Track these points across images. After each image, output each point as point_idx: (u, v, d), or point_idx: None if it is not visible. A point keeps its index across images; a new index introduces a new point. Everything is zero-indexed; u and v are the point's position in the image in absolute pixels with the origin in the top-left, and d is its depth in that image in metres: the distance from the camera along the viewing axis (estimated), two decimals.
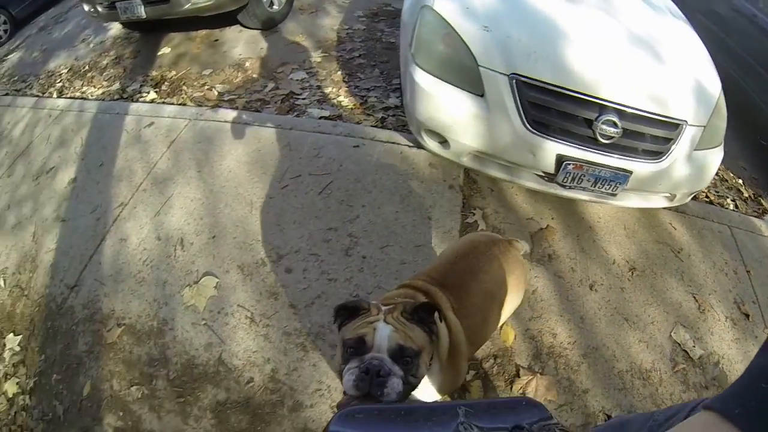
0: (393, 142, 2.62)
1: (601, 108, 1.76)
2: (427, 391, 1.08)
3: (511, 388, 1.75)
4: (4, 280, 2.52)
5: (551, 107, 1.79)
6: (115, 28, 4.85)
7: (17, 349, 2.23)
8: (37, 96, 4.03)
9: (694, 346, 1.97)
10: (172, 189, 2.50)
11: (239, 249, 2.17)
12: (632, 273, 2.16)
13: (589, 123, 1.77)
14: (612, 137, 1.78)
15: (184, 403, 1.80)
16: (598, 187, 1.89)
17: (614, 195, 1.94)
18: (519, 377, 1.77)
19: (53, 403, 1.99)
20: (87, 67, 4.27)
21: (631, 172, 1.86)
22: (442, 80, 1.92)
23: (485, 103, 1.85)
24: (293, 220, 2.24)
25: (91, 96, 3.74)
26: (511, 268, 1.36)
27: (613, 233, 2.25)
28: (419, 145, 2.39)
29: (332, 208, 2.27)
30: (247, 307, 1.97)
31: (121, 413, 1.86)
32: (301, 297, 1.96)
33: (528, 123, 1.80)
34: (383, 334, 0.91)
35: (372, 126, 2.89)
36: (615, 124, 1.76)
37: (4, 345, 2.27)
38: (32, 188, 2.94)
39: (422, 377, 0.96)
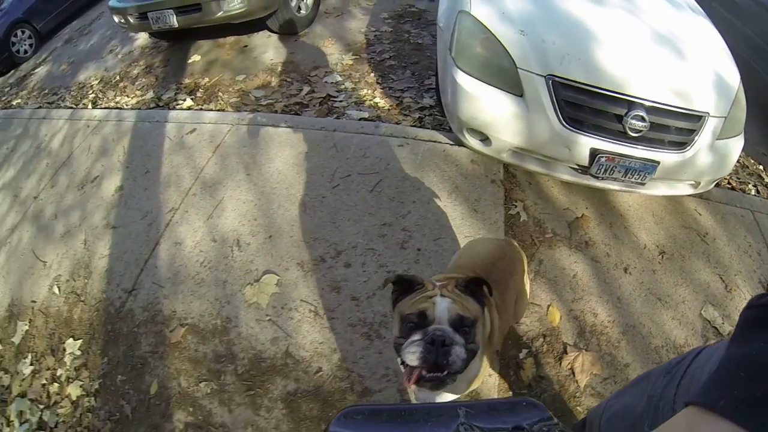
0: (434, 141, 2.73)
1: (630, 104, 1.94)
2: (464, 379, 1.11)
3: (560, 364, 1.92)
4: (59, 288, 2.65)
5: (585, 105, 1.97)
6: (142, 38, 5.04)
7: (78, 353, 2.35)
8: (72, 108, 4.22)
9: (723, 323, 2.11)
10: (223, 192, 2.62)
11: (297, 247, 2.29)
12: (662, 256, 2.32)
13: (619, 118, 1.95)
14: (640, 131, 1.95)
15: (254, 396, 1.91)
16: (629, 178, 2.07)
17: (643, 184, 2.12)
18: (566, 354, 1.93)
19: (120, 403, 2.10)
20: (118, 78, 4.46)
21: (658, 163, 2.03)
22: (484, 82, 2.12)
23: (524, 102, 2.03)
24: (348, 217, 2.36)
25: (126, 105, 3.91)
26: (524, 263, 1.54)
27: (642, 220, 2.42)
28: (460, 143, 2.55)
29: (384, 205, 2.39)
30: (310, 302, 2.10)
31: (190, 409, 1.97)
32: (362, 289, 2.08)
33: (564, 120, 1.99)
34: (443, 306, 0.99)
35: (411, 126, 3.01)
36: (643, 119, 1.93)
37: (64, 350, 2.39)
38: (78, 197, 3.09)
39: (479, 345, 1.04)
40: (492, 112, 2.10)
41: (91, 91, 4.41)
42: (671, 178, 2.20)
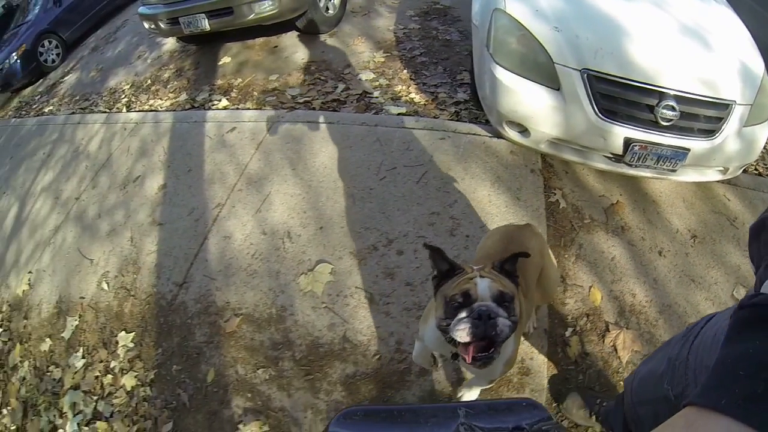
0: (474, 134, 2.84)
1: (661, 95, 2.08)
2: (498, 362, 1.22)
3: (603, 341, 2.04)
4: (108, 284, 2.78)
5: (618, 96, 2.12)
6: (170, 43, 5.23)
7: (131, 345, 2.46)
8: (106, 112, 4.39)
9: None
10: (269, 187, 2.74)
11: (349, 237, 2.41)
12: (694, 240, 2.43)
13: (651, 108, 2.09)
14: (671, 120, 2.09)
15: (313, 380, 2.01)
16: (660, 165, 2.20)
17: (674, 171, 2.25)
18: (609, 332, 2.05)
19: (176, 391, 2.20)
20: (149, 82, 4.63)
21: (689, 150, 2.17)
22: (522, 77, 2.27)
23: (561, 95, 2.19)
24: (397, 207, 2.47)
25: (161, 108, 4.07)
26: (541, 242, 1.65)
27: (674, 206, 2.55)
28: (498, 135, 2.67)
29: (431, 195, 2.50)
30: (365, 289, 2.20)
31: (249, 395, 2.06)
32: (416, 275, 2.18)
33: (599, 111, 2.15)
34: (484, 285, 1.11)
35: (449, 120, 3.10)
36: (673, 108, 2.07)
37: (117, 342, 2.50)
38: (121, 197, 3.23)
39: (518, 318, 1.15)
40: (531, 105, 2.25)
41: (123, 96, 4.59)
42: (701, 164, 2.32)
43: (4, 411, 2.70)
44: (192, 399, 2.15)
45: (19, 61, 6.45)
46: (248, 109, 3.55)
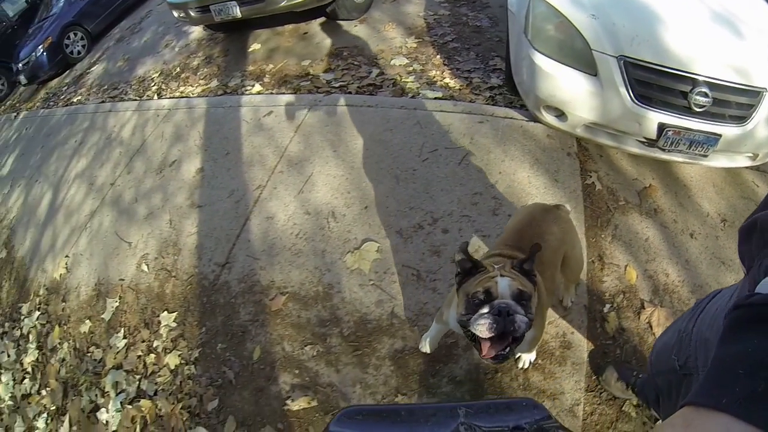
0: (511, 118, 2.92)
1: (694, 81, 2.17)
2: (522, 344, 1.32)
3: (639, 318, 2.10)
4: (147, 265, 2.86)
5: (653, 83, 2.22)
6: (197, 32, 5.35)
7: (173, 325, 2.53)
8: (136, 99, 4.50)
9: None
10: (310, 169, 2.81)
11: (394, 216, 2.47)
12: (724, 224, 2.47)
13: (685, 95, 2.19)
14: (704, 106, 2.19)
15: (362, 355, 2.06)
16: (692, 150, 2.31)
17: (705, 156, 2.36)
18: (644, 309, 2.12)
19: (222, 369, 2.26)
20: (178, 69, 4.75)
21: (720, 135, 2.25)
22: (561, 63, 2.38)
23: (599, 81, 2.29)
24: (440, 188, 2.54)
25: (192, 95, 4.17)
26: (565, 226, 1.70)
27: (704, 190, 2.63)
28: (535, 119, 2.77)
29: (473, 176, 2.58)
30: (412, 266, 2.26)
31: (296, 371, 2.12)
32: None
33: (635, 97, 2.24)
34: (504, 284, 1.21)
35: (486, 104, 3.14)
36: (706, 95, 2.16)
37: (159, 322, 2.58)
38: (157, 181, 3.33)
39: (534, 316, 1.25)
40: (569, 90, 2.36)
41: (153, 84, 4.70)
42: (731, 150, 2.37)
43: (44, 392, 2.80)
44: (238, 376, 2.21)
45: (45, 53, 6.66)
46: (283, 93, 3.62)
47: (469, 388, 1.92)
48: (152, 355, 2.49)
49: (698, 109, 2.19)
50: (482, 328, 1.17)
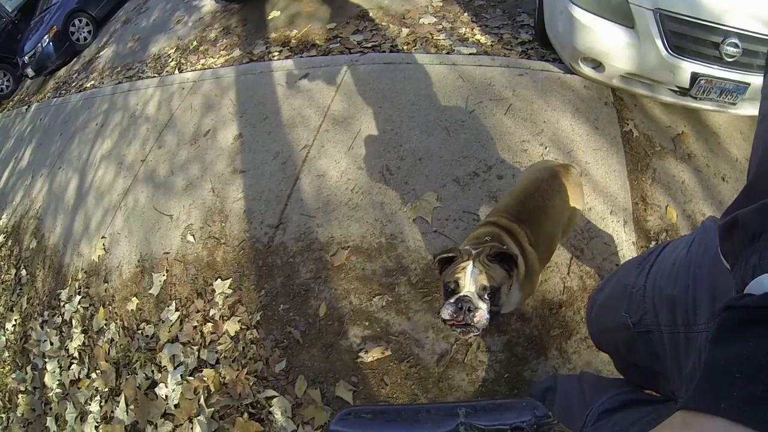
0: (547, 70, 3.02)
1: (726, 33, 2.33)
2: (508, 304, 1.56)
3: None
4: (193, 236, 2.92)
5: (687, 34, 2.40)
6: (208, 5, 5.41)
7: (229, 291, 2.59)
8: (155, 76, 4.55)
9: None
10: (357, 125, 2.86)
11: (449, 165, 2.55)
12: None
13: (716, 45, 2.37)
14: (734, 56, 2.35)
15: (432, 301, 2.13)
16: (723, 98, 2.49)
17: (734, 104, 2.52)
18: None
19: (287, 330, 2.32)
20: (195, 43, 4.79)
21: (749, 84, 2.41)
22: (599, 16, 2.56)
23: (636, 33, 2.47)
24: (490, 137, 2.64)
25: (215, 65, 4.20)
26: (572, 191, 1.78)
27: (732, 137, 2.80)
28: (571, 71, 2.93)
29: (520, 125, 2.70)
30: (472, 212, 2.36)
31: (366, 323, 2.18)
32: None
33: (670, 48, 2.42)
34: (472, 276, 1.37)
35: (521, 59, 3.18)
36: (736, 45, 2.33)
37: (213, 291, 2.64)
38: (193, 152, 3.38)
39: (502, 305, 1.44)
40: (607, 42, 2.55)
41: (170, 60, 4.75)
42: (758, 98, 2.37)
43: (94, 375, 2.88)
44: (305, 335, 2.27)
45: (51, 43, 6.76)
46: (316, 55, 3.64)
47: (536, 324, 2.05)
48: (209, 325, 2.55)
49: (729, 59, 2.35)
50: (445, 312, 1.37)
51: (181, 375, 2.47)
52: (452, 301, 1.37)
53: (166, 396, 2.47)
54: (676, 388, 0.90)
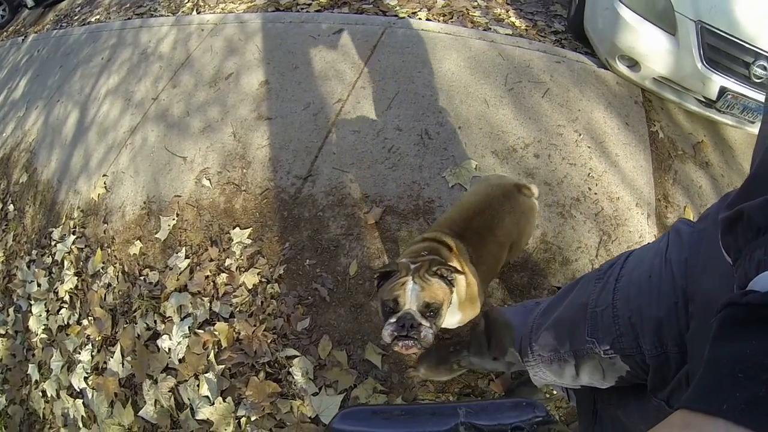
0: (582, 62, 3.01)
1: (757, 54, 2.43)
2: (450, 323, 1.50)
3: None
4: (210, 180, 2.74)
5: (722, 50, 2.49)
6: None
7: (248, 241, 2.43)
8: (170, 15, 4.28)
9: None
10: (396, 87, 2.75)
11: (488, 138, 2.52)
12: None
13: (747, 65, 2.47)
14: (761, 78, 2.45)
15: None
16: (743, 115, 2.60)
17: (753, 122, 2.65)
18: None
19: (312, 286, 2.19)
20: None
21: None
22: (645, 18, 2.64)
23: (676, 40, 2.55)
24: (527, 116, 2.65)
25: (236, 11, 3.97)
26: (525, 214, 1.67)
27: (745, 154, 2.88)
28: (604, 66, 2.98)
29: (556, 110, 2.71)
30: None
31: None
32: (552, 176, 2.43)
33: (704, 60, 2.52)
34: (413, 294, 1.28)
35: (556, 47, 3.14)
36: (765, 68, 2.43)
37: (230, 239, 2.48)
38: (212, 94, 3.18)
39: (442, 322, 1.36)
40: (649, 44, 2.62)
41: (186, 0, 4.47)
42: None
43: (86, 321, 2.66)
44: (332, 293, 2.15)
45: None
46: (351, 13, 3.48)
47: None
48: (223, 275, 2.37)
49: (756, 80, 2.44)
50: (386, 333, 1.28)
51: (188, 327, 2.28)
52: (393, 320, 1.29)
53: (170, 349, 2.26)
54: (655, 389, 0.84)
